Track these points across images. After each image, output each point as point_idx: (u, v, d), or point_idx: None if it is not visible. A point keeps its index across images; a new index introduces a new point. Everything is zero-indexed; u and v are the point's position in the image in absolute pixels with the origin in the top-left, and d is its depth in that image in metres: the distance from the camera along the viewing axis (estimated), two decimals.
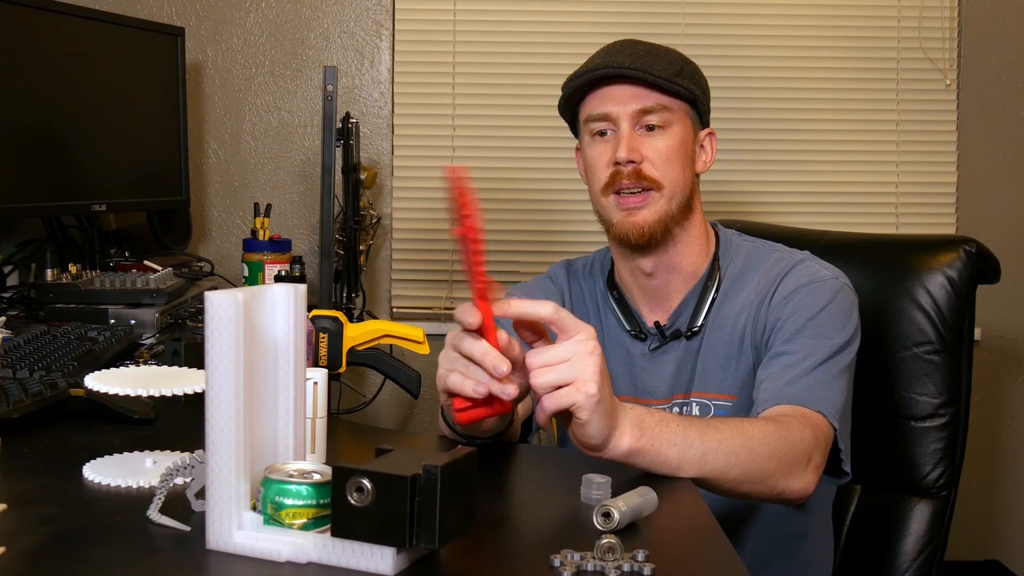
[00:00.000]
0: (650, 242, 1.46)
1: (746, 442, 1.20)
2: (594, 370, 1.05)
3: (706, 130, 1.54)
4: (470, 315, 1.04)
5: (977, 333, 1.86)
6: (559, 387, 1.05)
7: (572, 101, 1.52)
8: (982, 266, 1.61)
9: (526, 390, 1.17)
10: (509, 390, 1.06)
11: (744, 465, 1.19)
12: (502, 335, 1.06)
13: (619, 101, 1.46)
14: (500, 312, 1.05)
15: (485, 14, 2.76)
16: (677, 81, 1.46)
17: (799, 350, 1.38)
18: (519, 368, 1.09)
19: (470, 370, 1.06)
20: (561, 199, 2.74)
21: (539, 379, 1.05)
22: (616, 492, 1.01)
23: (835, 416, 1.32)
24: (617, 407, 1.10)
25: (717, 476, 1.17)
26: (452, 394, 1.08)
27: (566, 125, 1.61)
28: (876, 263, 1.67)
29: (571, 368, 1.05)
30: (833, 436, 1.32)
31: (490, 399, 1.07)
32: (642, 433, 1.11)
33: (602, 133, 1.49)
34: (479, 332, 1.05)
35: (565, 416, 1.08)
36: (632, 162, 1.44)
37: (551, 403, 1.05)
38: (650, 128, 1.46)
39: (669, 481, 1.12)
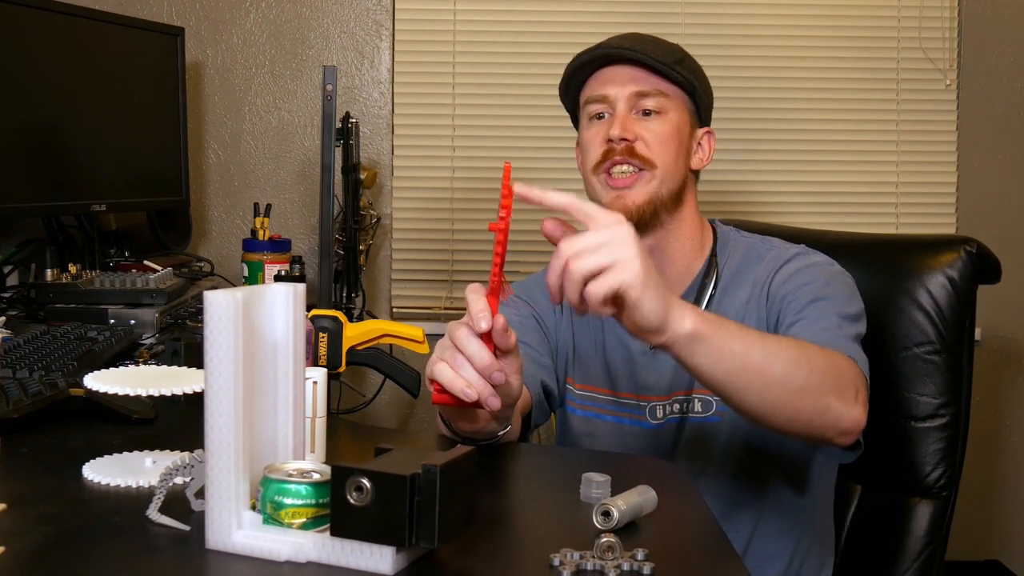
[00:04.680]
0: (638, 224, 1.46)
1: (804, 352, 1.19)
2: (635, 250, 1.01)
3: (704, 128, 1.54)
4: (483, 319, 1.04)
5: (977, 333, 1.86)
6: (600, 271, 1.01)
7: (572, 86, 1.54)
8: (982, 266, 1.61)
9: (518, 392, 1.16)
10: (493, 403, 1.06)
11: (804, 375, 1.17)
12: (499, 320, 1.05)
13: (617, 83, 1.48)
14: (523, 192, 1.03)
15: (485, 14, 2.76)
16: (676, 68, 1.47)
17: (812, 315, 1.37)
18: (510, 357, 1.09)
19: (463, 369, 1.06)
20: None
21: (578, 265, 1.01)
22: (616, 491, 1.01)
23: (864, 368, 1.31)
24: (670, 300, 1.06)
25: (777, 385, 1.15)
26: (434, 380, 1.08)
27: (565, 125, 1.61)
28: (876, 263, 1.67)
29: (611, 251, 1.01)
30: (867, 383, 1.31)
31: None
32: (705, 320, 1.09)
33: (599, 117, 1.50)
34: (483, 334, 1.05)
35: (613, 305, 1.04)
36: (625, 140, 1.45)
37: (598, 288, 1.01)
38: (646, 113, 1.48)
39: (669, 481, 1.12)
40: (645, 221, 1.46)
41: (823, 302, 1.39)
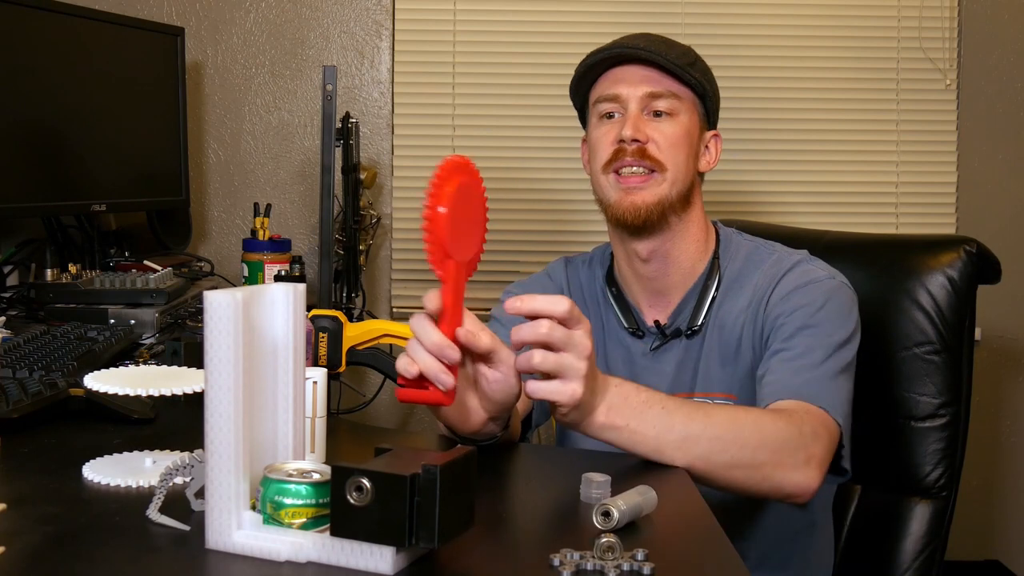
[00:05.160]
0: (646, 224, 1.46)
1: (736, 428, 1.21)
2: (586, 368, 1.07)
3: (712, 131, 1.54)
4: (431, 300, 1.04)
5: (977, 333, 1.86)
6: (545, 374, 1.08)
7: (584, 84, 1.54)
8: (982, 266, 1.61)
9: (517, 391, 1.16)
10: (445, 380, 1.03)
11: (732, 452, 1.19)
12: (469, 320, 1.05)
13: (630, 83, 1.47)
14: (513, 311, 1.06)
15: (485, 14, 2.76)
16: (689, 70, 1.47)
17: (798, 346, 1.38)
18: (501, 354, 1.09)
19: (409, 348, 1.05)
20: (561, 198, 2.74)
21: (532, 358, 1.07)
22: (616, 491, 1.01)
23: (839, 412, 1.32)
24: (598, 392, 1.13)
25: (701, 462, 1.18)
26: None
27: (566, 125, 1.61)
28: (876, 263, 1.67)
29: (567, 362, 1.07)
30: (838, 433, 1.32)
31: (426, 383, 1.04)
32: (618, 413, 1.14)
33: (609, 116, 1.49)
34: (437, 318, 1.04)
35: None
36: (637, 141, 1.45)
37: (534, 390, 1.09)
38: (657, 114, 1.47)
39: (669, 480, 1.12)
40: (652, 222, 1.46)
41: (812, 331, 1.39)
